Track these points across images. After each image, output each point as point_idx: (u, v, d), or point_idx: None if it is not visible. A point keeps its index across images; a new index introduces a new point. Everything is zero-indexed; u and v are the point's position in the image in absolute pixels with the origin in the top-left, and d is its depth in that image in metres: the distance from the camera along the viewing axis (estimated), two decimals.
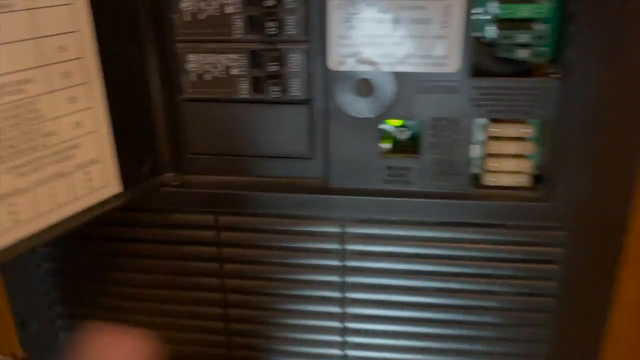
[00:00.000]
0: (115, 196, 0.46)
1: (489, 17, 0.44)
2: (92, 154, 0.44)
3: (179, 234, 0.52)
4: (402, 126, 0.50)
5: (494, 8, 0.44)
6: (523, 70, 0.45)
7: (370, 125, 0.47)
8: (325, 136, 0.48)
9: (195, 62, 0.47)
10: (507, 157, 0.47)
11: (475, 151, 0.47)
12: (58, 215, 0.41)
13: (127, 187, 0.47)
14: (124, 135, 0.46)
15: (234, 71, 0.47)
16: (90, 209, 0.44)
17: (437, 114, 0.46)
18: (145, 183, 0.50)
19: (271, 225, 0.51)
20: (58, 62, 0.40)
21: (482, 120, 0.47)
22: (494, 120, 0.46)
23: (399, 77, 0.45)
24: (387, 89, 0.45)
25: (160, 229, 0.52)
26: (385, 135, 0.49)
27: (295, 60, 0.46)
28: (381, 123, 0.47)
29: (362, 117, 0.46)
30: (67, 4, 0.41)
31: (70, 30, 0.41)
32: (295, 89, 0.47)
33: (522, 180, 0.47)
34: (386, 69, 0.45)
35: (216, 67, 0.47)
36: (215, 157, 0.50)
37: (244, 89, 0.48)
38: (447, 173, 0.47)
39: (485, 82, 0.44)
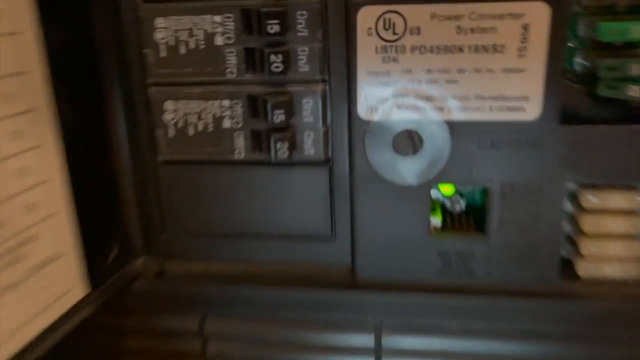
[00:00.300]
0: (83, 301, 0.33)
1: (581, 40, 0.31)
2: (50, 247, 0.31)
3: (154, 344, 0.38)
4: (454, 194, 0.36)
5: (590, 28, 0.30)
6: (634, 115, 0.31)
7: (414, 194, 0.33)
8: (352, 209, 0.35)
9: (174, 111, 0.35)
10: (612, 237, 0.33)
11: (566, 229, 0.34)
12: (8, 350, 0.28)
13: (94, 284, 0.35)
14: (87, 215, 0.33)
15: (227, 123, 0.35)
16: (52, 327, 0.31)
17: (510, 179, 0.32)
18: (117, 276, 0.37)
19: (274, 331, 0.37)
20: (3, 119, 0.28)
21: (575, 186, 0.33)
22: (593, 186, 0.33)
23: (456, 127, 0.32)
24: (440, 144, 0.32)
25: (132, 337, 0.38)
26: (433, 206, 0.36)
27: (310, 106, 0.33)
28: (429, 190, 0.33)
29: (403, 183, 0.33)
30: (12, 34, 0.28)
31: (18, 72, 0.29)
32: (309, 146, 0.34)
33: (634, 271, 0.33)
34: (437, 116, 0.31)
35: (202, 119, 0.35)
36: (201, 238, 0.37)
37: (239, 147, 0.35)
38: (524, 260, 0.33)
39: (580, 133, 0.31)
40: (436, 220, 0.35)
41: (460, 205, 0.36)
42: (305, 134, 0.34)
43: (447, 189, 0.36)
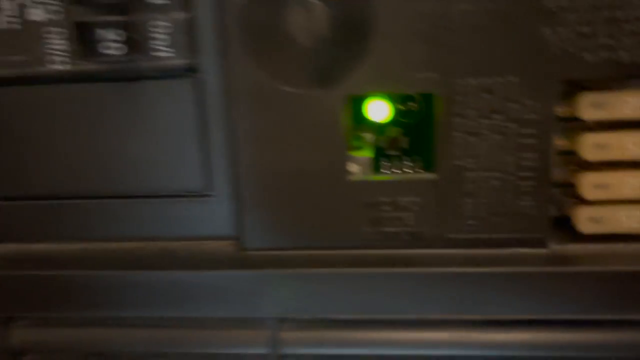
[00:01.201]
0: None
1: None
2: None
3: None
4: (392, 117, 0.24)
5: None
6: None
7: (322, 111, 0.21)
8: (232, 146, 0.22)
9: None
10: (628, 167, 0.21)
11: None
12: None
13: None
14: None
15: (36, 14, 0.22)
16: None
17: (468, 76, 0.20)
18: None
19: (121, 338, 0.24)
20: None
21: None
22: (594, 87, 0.21)
23: None
24: (356, 19, 0.20)
25: None
26: (357, 137, 0.24)
27: None
28: (342, 105, 0.21)
29: (301, 91, 0.21)
30: None
31: None
32: (163, 46, 0.22)
33: None
34: None
35: (1, 8, 0.22)
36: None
37: (59, 53, 0.22)
38: (494, 213, 0.21)
39: None
40: (363, 159, 0.23)
41: (400, 140, 0.24)
42: (155, 26, 0.22)
43: (378, 108, 0.24)
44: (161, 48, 0.22)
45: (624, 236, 0.22)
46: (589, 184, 0.21)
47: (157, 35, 0.22)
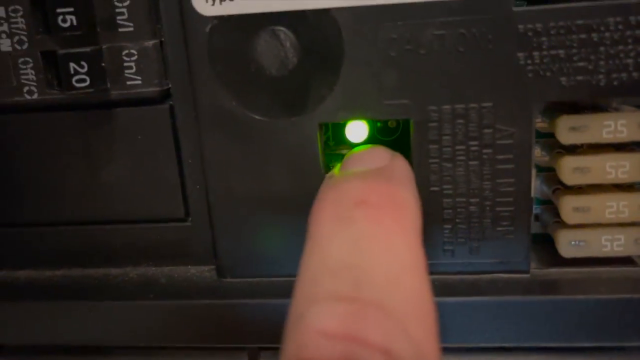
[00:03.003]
0: None
1: None
2: None
3: None
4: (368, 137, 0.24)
5: None
6: None
7: (296, 139, 0.21)
8: (204, 170, 0.22)
9: None
10: (608, 190, 0.21)
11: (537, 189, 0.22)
12: None
13: None
14: None
15: (4, 44, 0.22)
16: None
17: (443, 99, 0.20)
18: None
19: None
20: None
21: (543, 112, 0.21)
22: (573, 110, 0.21)
23: (351, 18, 0.19)
24: (326, 49, 0.20)
25: None
26: (336, 156, 0.23)
27: (127, 5, 0.21)
28: (315, 132, 0.21)
29: (274, 119, 0.21)
30: None
31: None
32: (134, 72, 0.21)
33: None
34: (323, 1, 0.19)
35: None
36: None
37: (29, 82, 0.22)
38: (473, 238, 0.21)
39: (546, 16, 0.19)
40: None
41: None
42: (123, 54, 0.22)
43: (355, 129, 0.24)
44: (131, 76, 0.22)
45: (607, 259, 0.21)
46: (569, 207, 0.21)
47: (125, 64, 0.22)
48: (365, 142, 0.25)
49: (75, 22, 0.20)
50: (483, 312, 0.21)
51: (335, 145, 0.25)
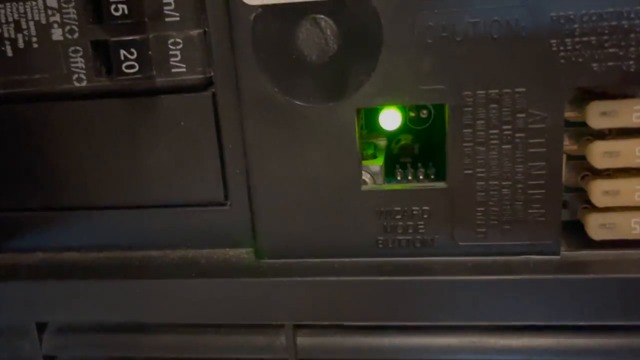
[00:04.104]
0: None
1: None
2: None
3: None
4: (402, 126, 0.25)
5: None
6: None
7: (333, 123, 0.22)
8: (246, 156, 0.23)
9: None
10: (634, 176, 0.21)
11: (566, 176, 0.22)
12: None
13: None
14: None
15: (56, 33, 0.23)
16: None
17: (476, 86, 0.21)
18: None
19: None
20: None
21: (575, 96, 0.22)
22: (603, 94, 0.21)
23: (390, 8, 0.20)
24: (365, 37, 0.21)
25: None
26: (368, 146, 0.24)
27: None
28: (353, 116, 0.22)
29: (314, 105, 0.21)
30: None
31: None
32: (179, 61, 0.22)
33: None
34: None
35: (21, 29, 0.23)
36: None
37: (78, 70, 0.23)
38: (505, 222, 0.22)
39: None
40: (375, 167, 0.24)
41: (412, 147, 0.25)
42: (169, 43, 0.23)
43: (389, 117, 0.24)
44: (176, 64, 0.23)
45: (636, 242, 0.22)
46: (599, 191, 0.22)
47: (171, 52, 0.23)
48: (398, 131, 0.26)
49: (126, 11, 0.22)
50: (514, 291, 0.22)
51: (368, 133, 0.26)
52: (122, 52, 0.22)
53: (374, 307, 0.23)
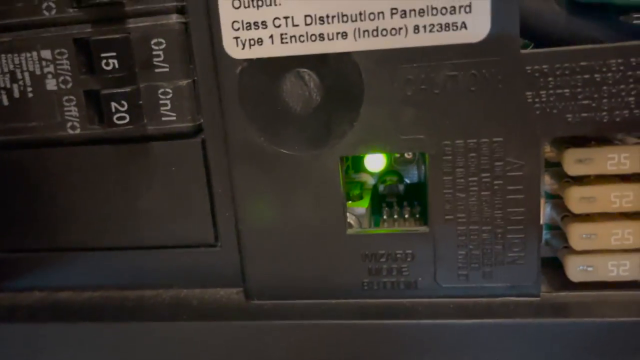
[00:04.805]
0: None
1: None
2: None
3: None
4: (386, 170, 0.25)
5: None
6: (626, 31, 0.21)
7: (319, 169, 0.22)
8: (234, 199, 0.24)
9: None
10: (613, 218, 0.22)
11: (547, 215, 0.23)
12: None
13: None
14: None
15: (50, 83, 0.24)
16: None
17: (455, 135, 0.21)
18: None
19: None
20: None
21: (553, 145, 0.22)
22: (578, 143, 0.22)
23: (369, 62, 0.21)
24: (346, 90, 0.21)
25: None
26: (355, 188, 0.25)
27: (163, 48, 0.23)
28: (337, 163, 0.22)
29: (299, 153, 0.22)
30: None
31: None
32: (169, 110, 0.23)
33: None
34: (341, 47, 0.21)
35: (17, 80, 0.24)
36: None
37: (72, 119, 0.24)
38: (486, 263, 0.22)
39: (553, 59, 0.20)
40: (360, 210, 0.24)
41: (397, 187, 0.26)
42: (159, 92, 0.23)
43: (375, 162, 0.25)
44: (166, 112, 0.24)
45: (613, 284, 0.23)
46: (577, 234, 0.22)
47: (161, 101, 0.24)
48: (383, 172, 0.27)
49: (117, 65, 0.22)
50: (495, 333, 0.22)
51: (355, 173, 0.27)
52: (113, 104, 0.23)
53: (360, 348, 0.23)
